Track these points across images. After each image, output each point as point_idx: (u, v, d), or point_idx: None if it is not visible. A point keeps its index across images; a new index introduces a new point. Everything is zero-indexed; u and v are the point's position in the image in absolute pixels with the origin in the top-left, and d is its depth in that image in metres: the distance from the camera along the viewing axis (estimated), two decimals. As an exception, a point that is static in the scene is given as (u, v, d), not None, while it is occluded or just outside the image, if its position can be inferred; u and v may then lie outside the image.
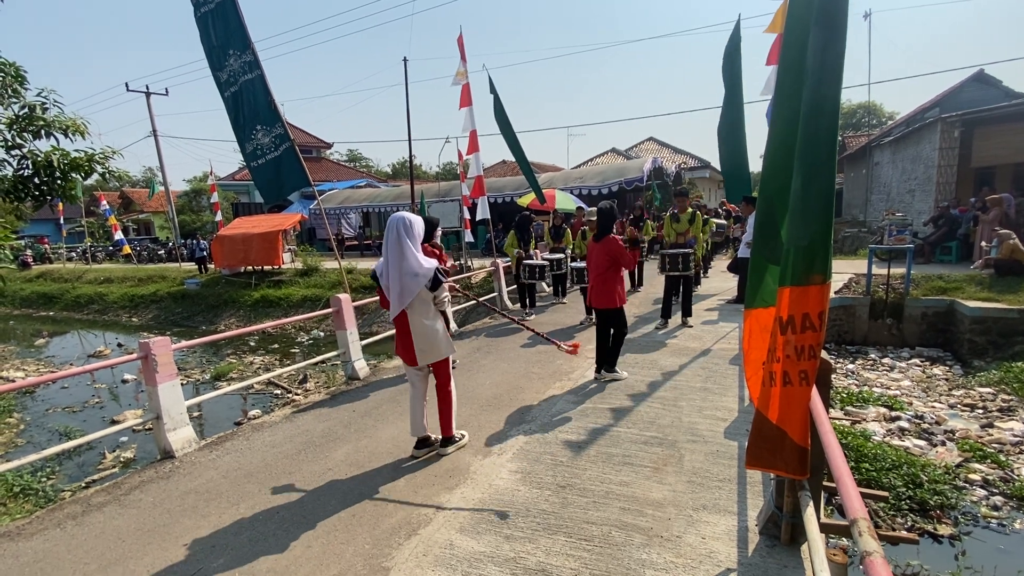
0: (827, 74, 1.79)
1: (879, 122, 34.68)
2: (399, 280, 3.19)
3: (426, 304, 3.31)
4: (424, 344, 3.35)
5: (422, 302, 3.29)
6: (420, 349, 3.35)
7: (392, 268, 3.22)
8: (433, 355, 3.41)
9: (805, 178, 1.84)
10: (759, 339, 2.30)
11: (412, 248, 3.21)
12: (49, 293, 20.69)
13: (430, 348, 3.38)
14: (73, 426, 7.36)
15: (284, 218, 19.05)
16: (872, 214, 18.20)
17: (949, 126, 12.37)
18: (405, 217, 3.26)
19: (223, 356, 11.52)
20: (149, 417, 3.97)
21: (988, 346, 7.24)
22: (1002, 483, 4.34)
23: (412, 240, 3.22)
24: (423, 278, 3.20)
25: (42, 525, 3.03)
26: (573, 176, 19.24)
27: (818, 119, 1.80)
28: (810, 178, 1.83)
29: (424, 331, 3.32)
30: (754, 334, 2.35)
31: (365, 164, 54.10)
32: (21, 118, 5.48)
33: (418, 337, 3.33)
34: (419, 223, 3.30)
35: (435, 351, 3.40)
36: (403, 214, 3.28)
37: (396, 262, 3.20)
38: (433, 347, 3.38)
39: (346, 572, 2.41)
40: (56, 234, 29.88)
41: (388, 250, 3.24)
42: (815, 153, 1.82)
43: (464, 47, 9.23)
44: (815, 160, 1.82)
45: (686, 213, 6.92)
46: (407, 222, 3.23)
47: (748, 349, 2.39)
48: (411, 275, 3.18)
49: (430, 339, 3.35)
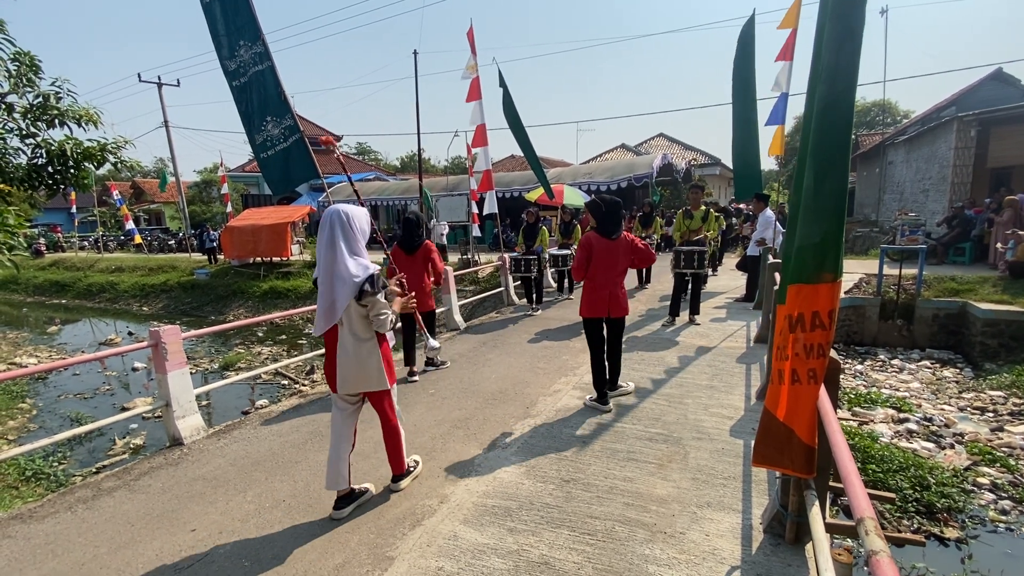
0: (842, 70, 1.76)
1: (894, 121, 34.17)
2: (330, 288, 2.63)
3: (359, 319, 2.72)
4: (349, 369, 2.74)
5: (355, 316, 2.71)
6: (343, 374, 2.75)
7: (323, 275, 2.66)
8: (359, 384, 2.79)
9: (818, 175, 1.82)
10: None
11: (344, 250, 2.63)
12: (61, 281, 20.98)
13: (356, 375, 2.76)
14: (84, 412, 7.47)
15: (293, 210, 19.18)
16: (885, 214, 17.98)
17: (965, 125, 12.18)
18: (341, 211, 2.68)
19: (232, 346, 11.64)
20: (159, 405, 4.02)
21: (1000, 349, 7.15)
22: (1011, 487, 4.29)
23: (347, 240, 2.65)
24: (352, 287, 2.62)
25: (53, 508, 3.09)
26: (582, 171, 19.17)
27: (832, 115, 1.77)
28: (823, 175, 1.81)
29: (350, 352, 2.73)
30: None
31: (374, 157, 54.18)
32: (36, 107, 5.54)
33: (344, 359, 2.73)
34: (360, 216, 2.74)
35: (363, 380, 2.78)
36: (339, 207, 2.71)
37: (328, 266, 2.64)
38: (361, 374, 2.76)
39: (351, 560, 2.44)
40: (68, 223, 30.22)
41: (320, 253, 2.69)
42: (828, 150, 1.80)
43: (474, 40, 9.19)
44: (828, 157, 1.80)
45: (699, 210, 6.83)
46: (344, 217, 2.66)
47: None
48: (341, 282, 2.62)
49: (358, 363, 2.74)
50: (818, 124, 1.82)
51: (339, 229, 2.64)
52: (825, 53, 1.83)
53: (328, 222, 2.66)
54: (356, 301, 2.66)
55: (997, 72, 15.52)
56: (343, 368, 2.75)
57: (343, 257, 2.62)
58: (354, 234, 2.69)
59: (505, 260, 8.73)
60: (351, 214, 2.70)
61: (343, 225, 2.65)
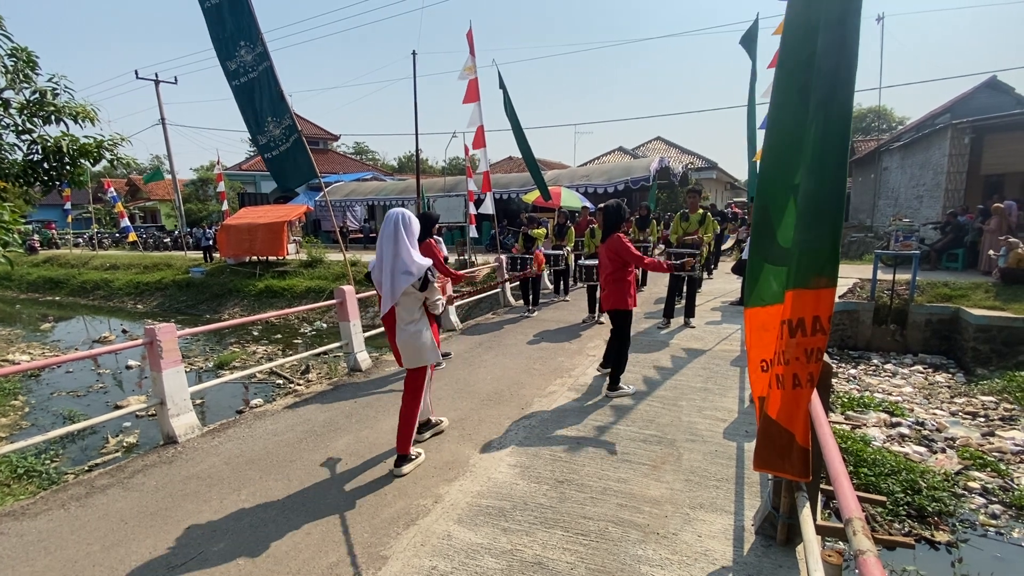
0: (841, 76, 1.78)
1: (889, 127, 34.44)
2: (391, 277, 3.10)
3: (414, 305, 3.22)
4: (406, 348, 3.25)
5: (412, 301, 3.20)
6: (403, 351, 3.27)
7: (385, 264, 3.12)
8: (414, 360, 3.30)
9: (818, 180, 1.84)
10: (756, 337, 2.33)
11: (408, 245, 3.11)
12: (55, 278, 20.83)
13: (412, 352, 3.27)
14: (77, 410, 7.43)
15: (289, 209, 19.12)
16: (879, 219, 18.10)
17: (960, 132, 12.28)
18: (404, 213, 3.17)
19: (226, 345, 11.59)
20: (153, 402, 4.01)
21: (992, 355, 7.21)
22: (1001, 492, 4.33)
23: (409, 237, 3.13)
24: (414, 277, 3.09)
25: (46, 506, 3.07)
26: (579, 174, 19.20)
27: (832, 121, 1.80)
28: (822, 180, 1.83)
29: (407, 334, 3.23)
30: (752, 332, 2.37)
31: (371, 157, 54.14)
32: (32, 103, 5.51)
33: (402, 339, 3.24)
34: (417, 222, 3.24)
35: (416, 356, 3.29)
36: (402, 210, 3.20)
37: (390, 258, 3.10)
38: (415, 351, 3.27)
39: (345, 559, 2.44)
40: (62, 220, 30.03)
41: (383, 244, 3.15)
42: (828, 156, 1.82)
43: (473, 42, 9.22)
44: (828, 163, 1.82)
45: (696, 213, 6.87)
46: (406, 218, 3.15)
47: (749, 347, 2.41)
48: (404, 272, 3.08)
49: (413, 342, 3.24)
50: (818, 130, 1.84)
51: (403, 227, 3.11)
52: (822, 60, 1.86)
53: (393, 220, 3.13)
54: (419, 290, 3.14)
55: (992, 80, 15.67)
56: (402, 346, 3.25)
57: (405, 250, 3.08)
58: (413, 233, 3.17)
59: (502, 261, 8.74)
60: (410, 216, 3.19)
61: (406, 224, 3.12)
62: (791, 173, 2.13)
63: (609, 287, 4.47)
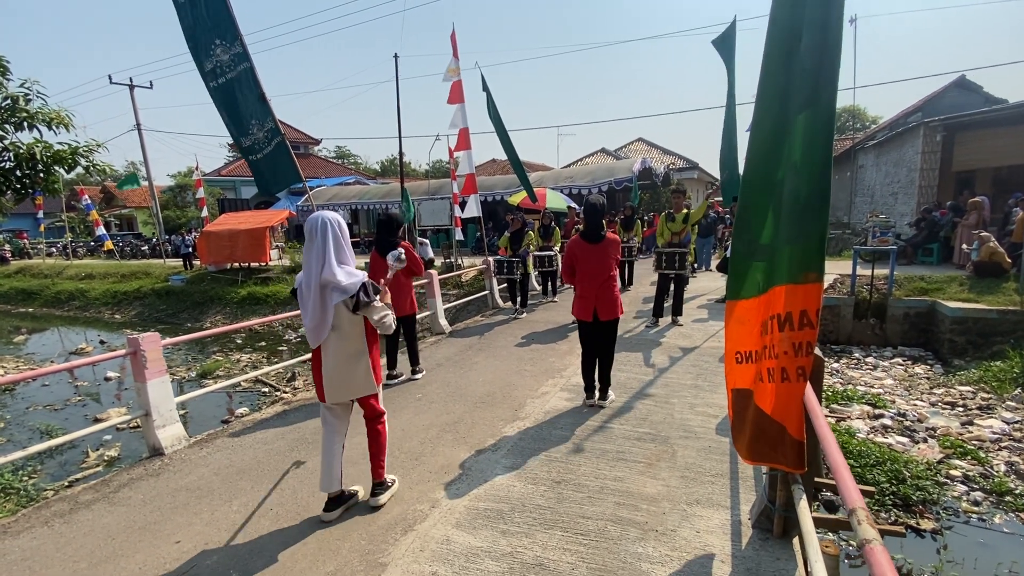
0: (824, 76, 1.82)
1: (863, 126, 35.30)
2: (320, 298, 2.57)
3: (352, 329, 2.68)
4: (336, 378, 2.69)
5: (345, 325, 2.65)
6: (330, 384, 2.70)
7: (311, 282, 2.57)
8: (347, 392, 2.76)
9: (805, 179, 1.88)
10: (732, 329, 2.37)
11: (335, 256, 2.57)
12: (28, 289, 20.21)
13: (344, 383, 2.72)
14: (55, 424, 7.20)
15: (271, 214, 18.83)
16: (856, 216, 18.52)
17: (931, 131, 12.65)
18: (329, 217, 2.62)
19: (209, 354, 11.36)
20: (137, 414, 3.91)
21: (968, 346, 7.42)
22: (982, 479, 4.46)
23: (337, 246, 2.59)
24: (345, 294, 2.56)
25: (28, 523, 2.97)
26: (563, 176, 19.28)
27: (817, 121, 1.84)
28: (809, 179, 1.87)
29: (339, 361, 2.67)
30: (729, 325, 2.40)
31: (353, 161, 53.68)
32: (3, 109, 5.36)
33: (330, 368, 2.68)
34: (344, 223, 2.70)
35: (351, 387, 2.75)
36: (325, 213, 2.65)
37: (316, 275, 2.55)
38: (348, 382, 2.73)
39: (342, 568, 2.41)
40: (34, 229, 29.16)
41: (309, 257, 2.59)
42: (813, 154, 1.86)
43: (457, 44, 9.21)
44: (814, 161, 1.86)
45: (681, 213, 6.96)
46: (334, 223, 2.61)
47: (726, 339, 2.45)
48: (333, 291, 2.57)
49: (346, 371, 2.70)
50: (805, 130, 1.88)
51: (330, 237, 2.57)
52: (806, 60, 1.89)
53: (317, 230, 2.58)
54: (352, 311, 2.61)
55: (961, 79, 16.17)
56: (329, 378, 2.70)
57: (333, 267, 2.55)
58: (343, 242, 2.63)
59: (489, 263, 8.73)
60: (340, 221, 2.66)
61: (333, 233, 2.59)
62: (772, 171, 2.16)
63: (605, 294, 4.00)
